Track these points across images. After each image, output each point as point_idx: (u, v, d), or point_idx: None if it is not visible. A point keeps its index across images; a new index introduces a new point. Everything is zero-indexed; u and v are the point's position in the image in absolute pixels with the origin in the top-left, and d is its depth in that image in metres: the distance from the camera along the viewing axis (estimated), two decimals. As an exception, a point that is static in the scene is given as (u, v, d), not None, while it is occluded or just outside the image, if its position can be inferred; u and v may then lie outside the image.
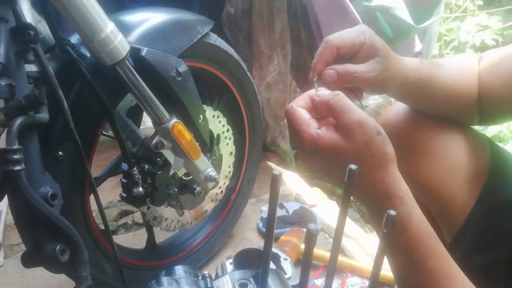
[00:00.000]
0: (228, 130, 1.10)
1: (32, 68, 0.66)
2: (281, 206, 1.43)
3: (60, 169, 0.77)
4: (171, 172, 0.92)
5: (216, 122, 1.05)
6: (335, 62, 0.62)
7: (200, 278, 0.60)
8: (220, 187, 1.12)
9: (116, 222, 1.38)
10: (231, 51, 1.08)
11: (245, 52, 1.59)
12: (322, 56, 0.61)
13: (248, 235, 1.35)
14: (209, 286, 0.59)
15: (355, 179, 0.46)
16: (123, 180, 0.88)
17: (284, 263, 1.04)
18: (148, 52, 0.78)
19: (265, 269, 0.54)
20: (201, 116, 0.92)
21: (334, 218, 0.49)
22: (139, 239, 1.30)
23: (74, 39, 0.78)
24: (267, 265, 0.53)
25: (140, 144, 0.88)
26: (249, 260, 0.95)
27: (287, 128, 1.67)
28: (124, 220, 1.40)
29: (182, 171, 0.95)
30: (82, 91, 0.78)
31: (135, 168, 0.85)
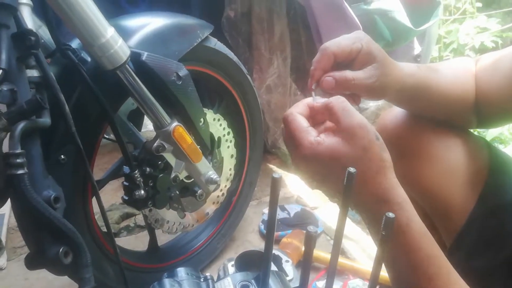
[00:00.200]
0: (228, 133, 1.10)
1: (33, 73, 0.66)
2: (282, 209, 1.43)
3: (62, 172, 0.78)
4: (173, 175, 0.92)
5: (216, 125, 1.06)
6: (333, 69, 0.62)
7: (202, 280, 0.60)
8: (221, 190, 1.12)
9: (118, 224, 1.39)
10: (231, 55, 1.08)
11: (245, 56, 1.59)
12: (320, 63, 0.61)
13: (250, 237, 1.35)
14: (210, 288, 0.59)
15: (354, 182, 0.46)
16: (125, 183, 0.89)
17: (286, 265, 1.04)
18: (148, 56, 0.79)
19: (265, 271, 0.54)
20: (201, 119, 0.93)
21: (336, 220, 0.49)
22: (141, 241, 1.31)
23: (74, 44, 0.79)
24: (267, 267, 0.54)
25: (141, 147, 0.88)
26: (250, 262, 0.95)
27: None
28: (126, 222, 1.40)
29: (183, 174, 0.96)
30: (83, 95, 0.79)
31: (136, 171, 0.85)
